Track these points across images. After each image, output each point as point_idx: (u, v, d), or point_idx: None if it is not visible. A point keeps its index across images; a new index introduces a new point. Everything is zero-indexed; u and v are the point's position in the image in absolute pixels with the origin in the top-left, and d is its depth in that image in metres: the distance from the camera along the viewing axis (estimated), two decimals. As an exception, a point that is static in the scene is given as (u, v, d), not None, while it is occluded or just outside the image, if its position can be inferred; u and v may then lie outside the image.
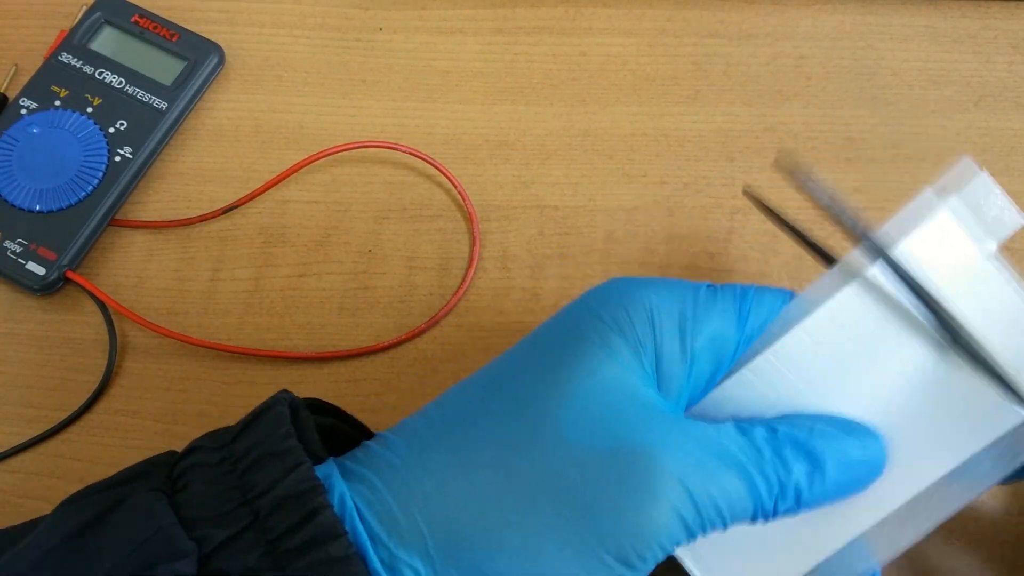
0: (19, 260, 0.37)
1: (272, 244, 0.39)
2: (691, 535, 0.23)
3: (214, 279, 0.39)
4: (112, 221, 0.39)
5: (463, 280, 0.38)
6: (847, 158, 0.40)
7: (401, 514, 0.22)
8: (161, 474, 0.24)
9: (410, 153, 0.40)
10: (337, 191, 0.40)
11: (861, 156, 0.40)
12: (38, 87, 0.40)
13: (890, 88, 0.41)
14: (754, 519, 0.24)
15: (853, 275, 0.25)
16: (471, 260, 0.38)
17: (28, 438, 0.36)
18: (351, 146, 0.40)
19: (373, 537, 0.22)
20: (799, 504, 0.24)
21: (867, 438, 0.25)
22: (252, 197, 0.40)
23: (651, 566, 0.23)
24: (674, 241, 0.39)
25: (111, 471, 0.35)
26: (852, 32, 0.43)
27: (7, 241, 0.38)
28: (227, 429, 0.25)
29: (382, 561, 0.22)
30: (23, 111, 0.40)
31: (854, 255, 0.26)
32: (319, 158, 0.40)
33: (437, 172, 0.40)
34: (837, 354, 0.25)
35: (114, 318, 0.38)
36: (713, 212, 0.39)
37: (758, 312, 0.26)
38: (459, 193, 0.40)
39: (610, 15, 0.43)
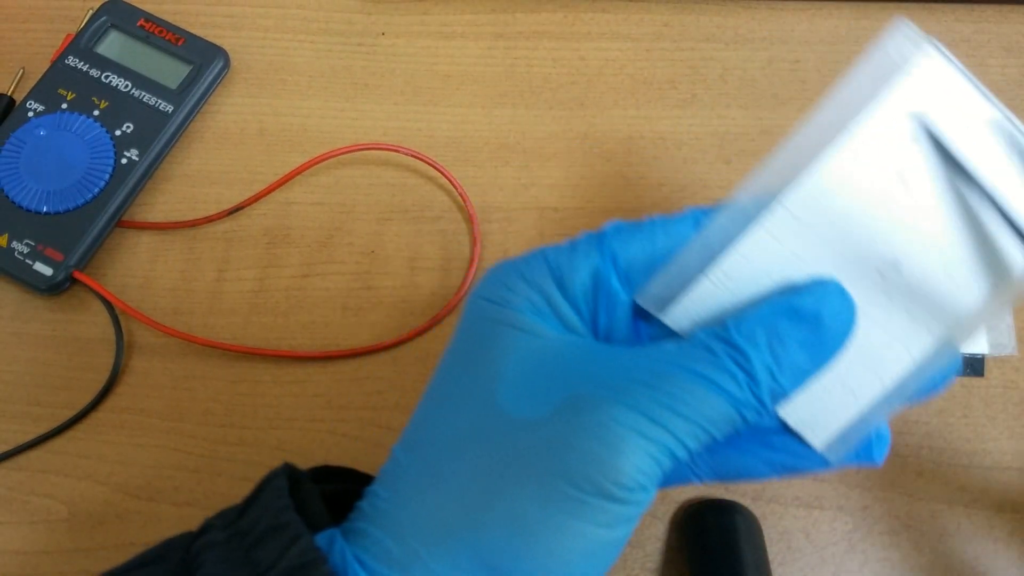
0: (27, 261, 0.38)
1: (276, 245, 0.40)
2: (669, 450, 0.22)
3: (219, 279, 0.39)
4: (119, 222, 0.40)
5: (464, 280, 0.39)
6: (842, 160, 0.41)
7: (397, 548, 0.23)
8: (176, 556, 0.25)
9: (412, 155, 0.41)
10: (340, 193, 0.41)
11: (856, 158, 0.41)
12: (45, 90, 0.41)
13: (884, 92, 0.42)
14: (744, 415, 0.23)
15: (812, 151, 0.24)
16: (472, 260, 0.39)
17: (35, 436, 0.36)
18: (354, 148, 0.41)
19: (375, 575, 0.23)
20: (781, 381, 0.23)
21: (815, 286, 0.24)
22: (257, 199, 0.40)
23: (640, 492, 0.22)
24: (672, 242, 0.39)
25: (117, 468, 0.36)
26: (847, 36, 0.43)
27: (15, 242, 0.38)
28: (234, 507, 0.26)
29: None
30: (30, 114, 0.40)
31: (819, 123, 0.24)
32: (323, 160, 0.40)
33: (439, 174, 0.40)
34: (828, 222, 0.24)
35: (121, 318, 0.38)
36: (710, 213, 0.40)
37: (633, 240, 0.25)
38: (460, 195, 0.40)
39: (608, 20, 0.44)
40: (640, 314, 0.26)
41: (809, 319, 0.23)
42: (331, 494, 0.27)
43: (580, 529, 0.22)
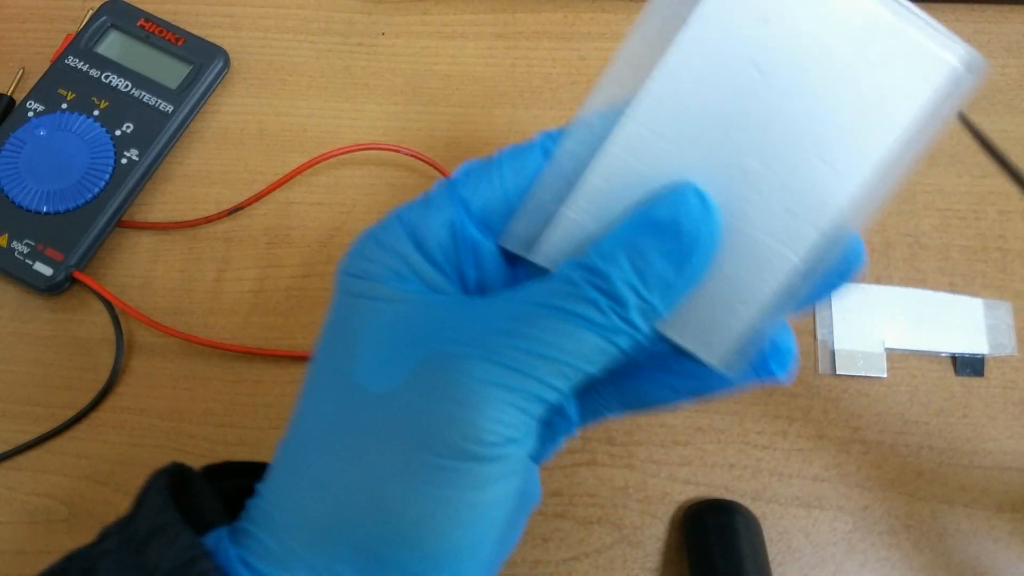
0: (27, 261, 0.38)
1: (277, 245, 0.40)
2: (532, 395, 0.21)
3: (219, 279, 0.39)
4: (119, 222, 0.40)
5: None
6: (842, 160, 0.41)
7: (274, 543, 0.22)
8: (77, 568, 0.24)
9: (412, 155, 0.41)
10: (340, 193, 0.41)
11: (856, 158, 0.41)
12: (45, 90, 0.41)
13: (884, 92, 0.42)
14: (618, 342, 0.21)
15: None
16: (472, 261, 0.39)
17: (36, 436, 0.37)
18: (354, 148, 0.41)
19: (259, 574, 0.22)
20: (650, 299, 0.21)
21: (670, 192, 0.22)
22: (257, 199, 0.40)
23: (505, 446, 0.21)
24: (672, 242, 0.39)
25: (117, 468, 0.36)
26: (847, 36, 0.43)
27: (15, 242, 0.38)
28: (128, 513, 0.25)
29: None
30: (30, 114, 0.40)
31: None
32: (323, 160, 0.40)
33: (439, 174, 0.40)
34: (685, 112, 0.22)
35: (121, 318, 0.38)
36: (710, 213, 0.40)
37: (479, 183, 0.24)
38: (460, 195, 0.40)
39: (608, 20, 0.44)
40: (514, 258, 0.24)
41: (668, 228, 0.21)
42: (233, 491, 0.26)
43: (445, 496, 0.21)
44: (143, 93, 0.41)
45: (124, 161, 0.40)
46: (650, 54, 0.22)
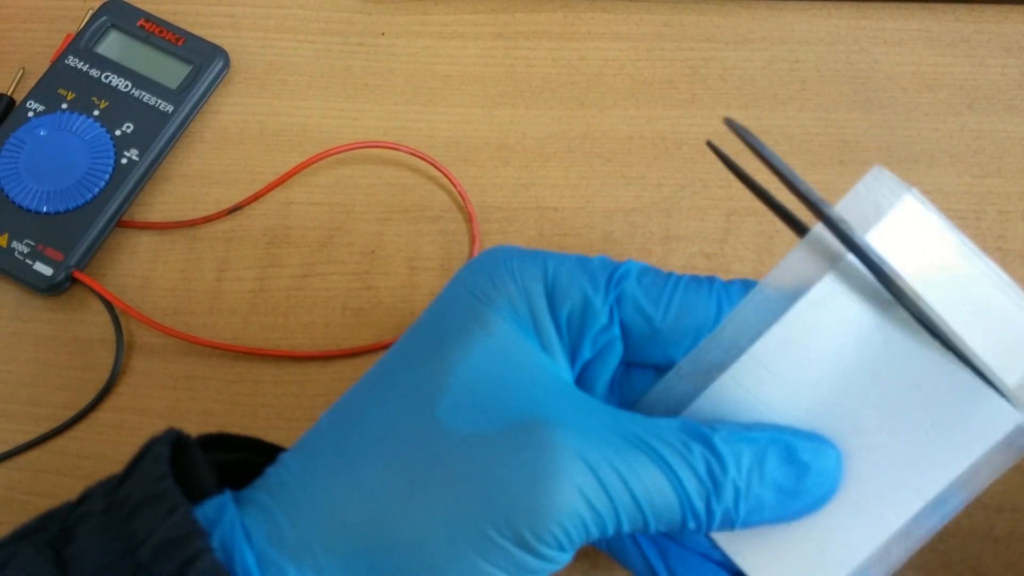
0: (26, 261, 0.38)
1: (276, 245, 0.40)
2: (601, 522, 0.21)
3: (219, 279, 0.39)
4: (119, 222, 0.40)
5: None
6: (841, 160, 0.41)
7: (291, 530, 0.21)
8: (55, 526, 0.23)
9: (411, 153, 0.41)
10: (340, 193, 0.41)
11: (855, 159, 0.41)
12: (45, 90, 0.41)
13: (884, 91, 0.42)
14: (687, 520, 0.21)
15: (821, 265, 0.23)
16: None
17: (35, 436, 0.37)
18: (353, 146, 0.41)
19: (265, 560, 0.21)
20: (738, 510, 0.21)
21: (818, 441, 0.22)
22: (256, 198, 0.40)
23: (557, 551, 0.21)
24: (671, 242, 0.39)
25: (117, 468, 0.36)
26: (847, 36, 0.43)
27: (15, 242, 0.38)
28: (116, 475, 0.24)
29: None
30: (30, 114, 0.40)
31: (818, 235, 0.22)
32: (322, 158, 0.40)
33: (439, 174, 0.40)
34: (805, 361, 0.23)
35: (121, 318, 0.38)
36: (710, 214, 0.40)
37: (637, 290, 0.24)
38: (460, 195, 0.40)
39: (608, 20, 0.44)
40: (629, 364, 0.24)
41: (798, 466, 0.22)
42: (230, 463, 0.25)
43: (486, 572, 0.20)
44: (143, 93, 0.41)
45: (124, 161, 0.40)
46: (797, 286, 0.23)
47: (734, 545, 0.23)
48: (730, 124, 0.21)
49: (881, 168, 0.23)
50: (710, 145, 0.27)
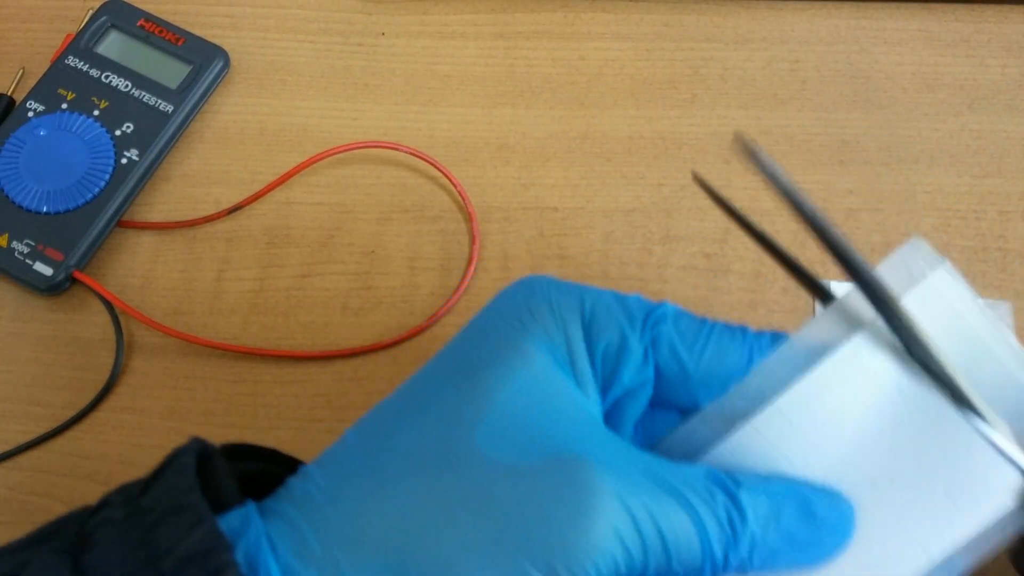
0: (27, 261, 0.38)
1: (277, 245, 0.40)
2: (631, 562, 0.21)
3: (220, 279, 0.39)
4: (119, 222, 0.40)
5: (463, 280, 0.39)
6: (841, 160, 0.41)
7: (318, 545, 0.21)
8: (71, 532, 0.23)
9: (411, 153, 0.41)
10: (340, 193, 0.41)
11: (855, 159, 0.41)
12: (45, 90, 0.41)
13: (884, 91, 0.42)
14: (704, 566, 0.22)
15: (849, 324, 0.24)
16: (471, 260, 0.39)
17: (35, 436, 0.36)
18: (353, 146, 0.41)
19: (291, 573, 0.21)
20: (753, 559, 0.22)
21: (833, 496, 0.23)
22: (257, 198, 0.40)
23: None
24: (671, 242, 0.39)
25: (117, 468, 0.36)
26: (847, 36, 0.43)
27: (15, 242, 0.38)
28: (137, 482, 0.24)
29: None
30: (30, 114, 0.40)
31: (851, 297, 0.24)
32: (323, 158, 0.40)
33: (439, 174, 0.40)
34: (827, 417, 0.24)
35: (121, 318, 0.38)
36: (710, 214, 0.40)
37: (672, 333, 0.24)
38: (460, 195, 0.40)
39: (608, 20, 0.44)
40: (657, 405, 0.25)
41: (812, 519, 0.23)
42: (249, 474, 0.25)
43: None
44: (143, 93, 0.41)
45: (124, 161, 0.40)
46: (824, 344, 0.24)
47: None
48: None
49: (919, 238, 0.24)
50: (700, 182, 0.28)
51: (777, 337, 0.25)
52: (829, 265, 0.37)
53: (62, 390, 0.37)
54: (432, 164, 0.40)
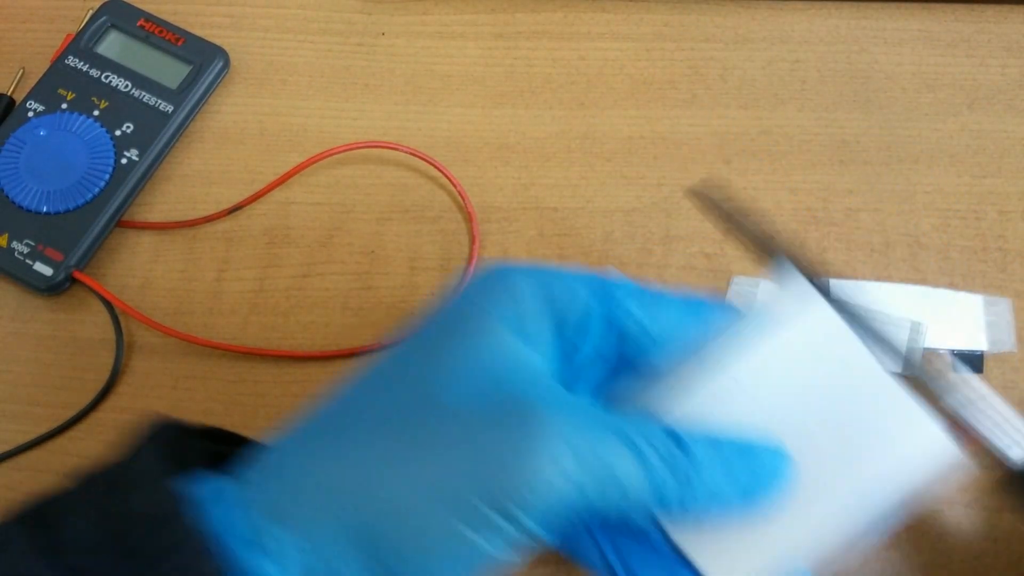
0: (27, 261, 0.38)
1: (276, 245, 0.40)
2: (579, 498, 0.22)
3: (219, 279, 0.39)
4: (119, 222, 0.40)
5: (463, 280, 0.39)
6: (841, 160, 0.41)
7: (284, 499, 0.22)
8: (38, 508, 0.24)
9: (411, 153, 0.41)
10: (340, 193, 0.41)
11: (855, 159, 0.41)
12: (45, 90, 0.41)
13: (884, 91, 0.42)
14: (651, 502, 0.23)
15: (801, 305, 0.26)
16: (471, 260, 0.39)
17: (35, 436, 0.37)
18: (353, 146, 0.41)
19: (257, 529, 0.22)
20: (696, 497, 0.23)
21: (772, 443, 0.25)
22: (256, 198, 0.40)
23: (538, 526, 0.22)
24: (671, 242, 0.39)
25: (118, 468, 0.36)
26: (847, 36, 0.43)
27: (15, 242, 0.38)
28: (100, 462, 0.24)
29: (263, 549, 0.22)
30: (30, 114, 0.40)
31: (797, 280, 0.27)
32: (323, 158, 0.40)
33: (439, 174, 0.40)
34: (775, 382, 0.26)
35: (121, 318, 0.38)
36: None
37: (632, 308, 0.26)
38: (460, 195, 0.40)
39: (608, 20, 0.44)
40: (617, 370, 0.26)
41: (754, 464, 0.24)
42: (222, 454, 0.26)
43: (471, 541, 0.21)
44: (143, 93, 0.41)
45: (124, 161, 0.40)
46: (777, 318, 0.27)
47: (689, 541, 0.25)
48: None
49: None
50: (698, 196, 0.30)
51: (734, 311, 0.27)
52: (827, 265, 0.37)
53: (62, 390, 0.37)
54: (432, 164, 0.40)
